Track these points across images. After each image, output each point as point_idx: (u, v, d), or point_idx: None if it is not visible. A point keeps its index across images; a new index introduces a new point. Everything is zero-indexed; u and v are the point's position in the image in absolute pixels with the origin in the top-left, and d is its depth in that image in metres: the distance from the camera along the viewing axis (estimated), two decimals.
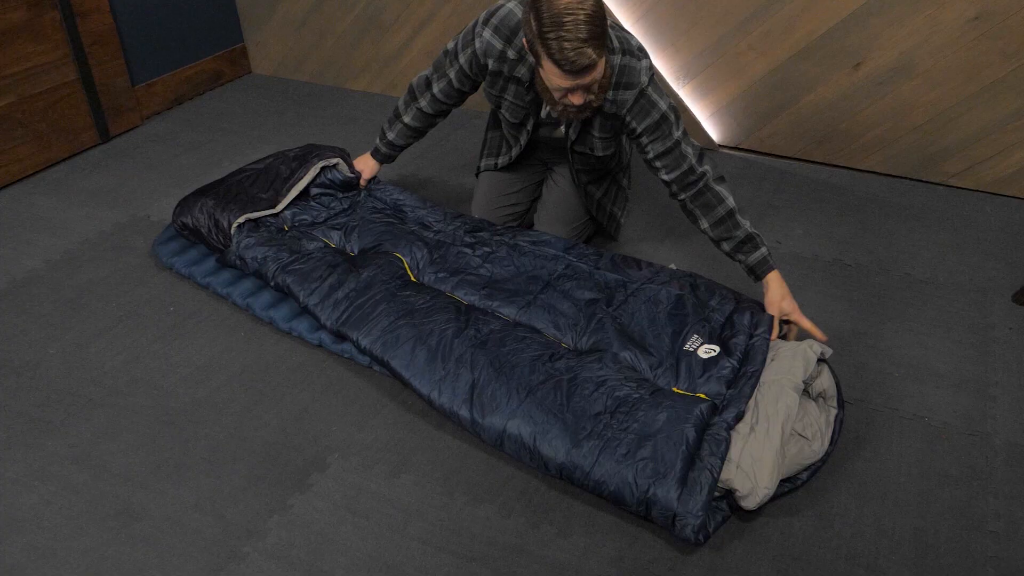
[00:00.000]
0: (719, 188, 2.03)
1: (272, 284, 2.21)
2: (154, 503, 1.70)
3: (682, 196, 2.07)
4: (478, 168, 2.54)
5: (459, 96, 2.32)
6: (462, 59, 2.18)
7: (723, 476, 1.61)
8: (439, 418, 1.91)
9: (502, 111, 2.25)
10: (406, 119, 2.41)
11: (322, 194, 2.50)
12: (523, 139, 2.30)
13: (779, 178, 2.96)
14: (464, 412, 1.79)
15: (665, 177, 2.07)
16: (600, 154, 2.19)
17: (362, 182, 2.55)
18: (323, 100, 3.62)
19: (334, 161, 2.51)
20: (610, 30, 1.98)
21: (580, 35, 1.73)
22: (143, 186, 2.91)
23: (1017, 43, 2.57)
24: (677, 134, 2.04)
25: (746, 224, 2.01)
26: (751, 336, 1.91)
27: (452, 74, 2.24)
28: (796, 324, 1.98)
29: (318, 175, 2.49)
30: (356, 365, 2.07)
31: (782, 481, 1.69)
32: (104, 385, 2.01)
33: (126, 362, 2.08)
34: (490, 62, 2.12)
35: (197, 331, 2.19)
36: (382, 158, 2.53)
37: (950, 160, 2.84)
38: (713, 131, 3.14)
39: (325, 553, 1.60)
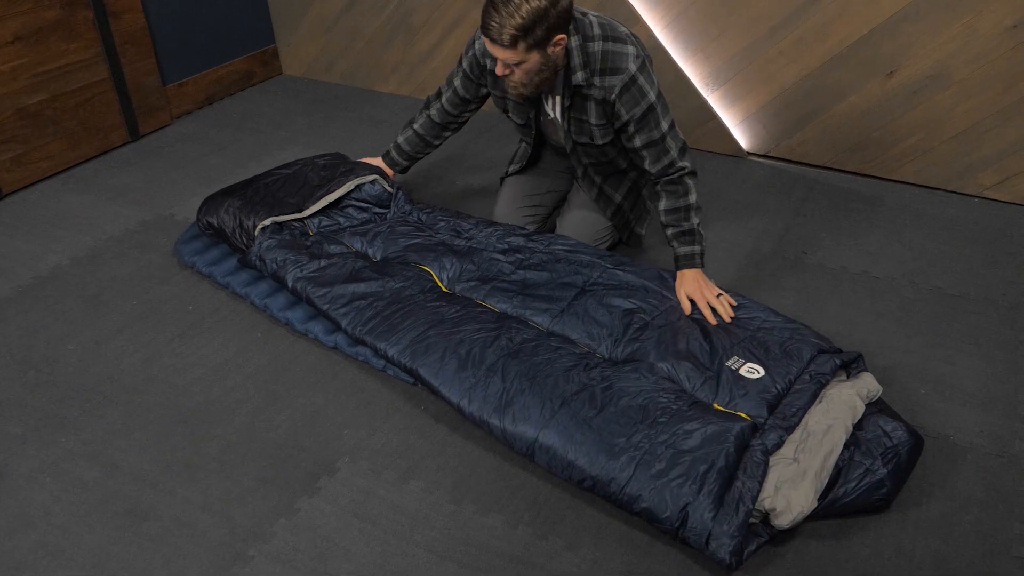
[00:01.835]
0: (690, 182, 2.12)
1: (289, 288, 2.20)
2: (163, 503, 1.70)
3: (656, 179, 2.14)
4: (502, 177, 2.55)
5: (464, 105, 2.36)
6: (465, 63, 2.25)
7: (760, 497, 1.57)
8: (451, 424, 1.90)
9: (510, 115, 2.30)
10: (416, 125, 2.46)
11: (351, 206, 2.49)
12: (530, 139, 2.34)
13: (808, 187, 2.90)
14: (495, 420, 1.76)
15: (647, 167, 2.14)
16: (600, 142, 2.18)
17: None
18: (352, 102, 3.63)
19: (371, 178, 2.50)
20: (593, 18, 2.05)
21: (508, 15, 1.84)
22: (170, 185, 2.93)
23: None
24: (664, 126, 2.08)
25: (695, 220, 2.12)
26: (804, 371, 1.85)
27: (457, 82, 2.31)
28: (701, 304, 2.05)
29: (352, 190, 2.50)
30: (370, 368, 2.06)
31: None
32: (120, 383, 2.02)
33: (143, 360, 2.10)
34: (488, 62, 2.17)
35: (214, 330, 2.20)
36: (390, 162, 2.56)
37: (985, 171, 2.76)
38: (742, 138, 3.09)
39: (330, 559, 1.59)
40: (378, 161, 2.57)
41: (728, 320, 2.01)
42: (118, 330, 2.20)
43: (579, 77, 2.03)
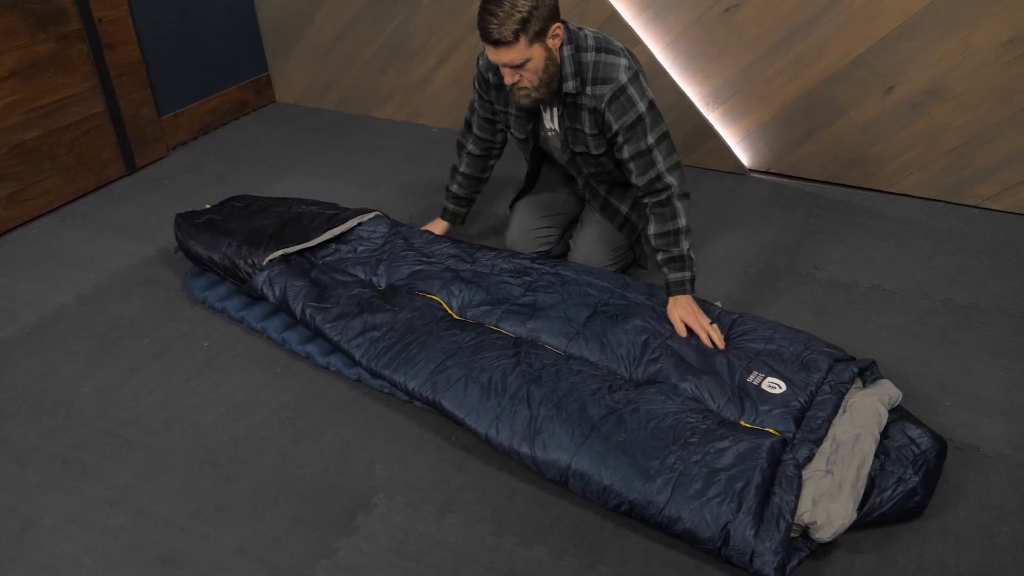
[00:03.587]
0: (679, 204, 2.09)
1: (298, 317, 2.17)
2: (196, 548, 1.66)
3: (645, 199, 2.12)
4: (512, 203, 2.55)
5: (492, 127, 2.38)
6: (476, 84, 2.29)
7: (799, 511, 1.57)
8: (484, 454, 1.87)
9: (512, 131, 2.32)
10: (461, 168, 2.47)
11: (352, 240, 2.48)
12: (527, 154, 2.35)
13: (812, 202, 2.92)
14: (525, 449, 1.74)
15: (634, 180, 2.13)
16: (595, 152, 2.19)
17: None
18: (349, 128, 3.61)
19: (372, 215, 2.53)
20: (588, 32, 2.08)
21: (502, 14, 1.89)
22: (170, 218, 2.86)
23: None
24: (651, 139, 2.07)
25: (685, 246, 2.09)
26: (823, 381, 1.87)
27: (477, 104, 2.35)
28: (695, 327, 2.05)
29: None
30: (396, 401, 2.03)
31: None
32: (140, 425, 1.98)
33: (162, 400, 2.05)
34: (491, 75, 2.21)
35: (233, 367, 2.16)
36: (451, 216, 2.55)
37: (984, 183, 2.81)
38: (744, 155, 3.11)
39: None
40: (437, 224, 2.57)
41: (721, 347, 2.00)
42: (132, 370, 2.15)
43: (570, 86, 2.07)
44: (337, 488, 1.79)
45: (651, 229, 2.11)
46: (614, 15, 2.99)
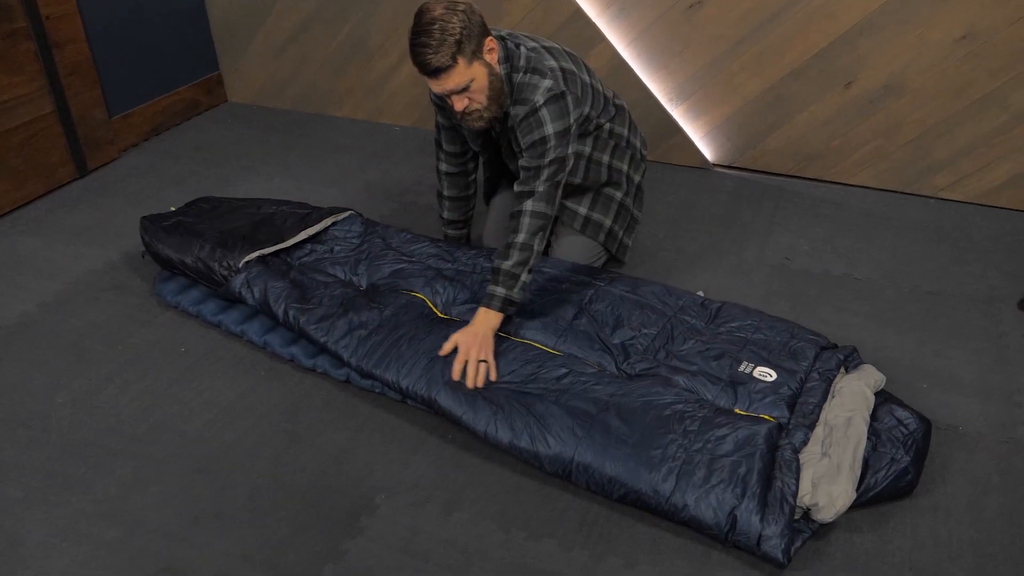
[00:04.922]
0: (526, 220, 2.00)
1: (281, 320, 2.12)
2: (199, 558, 1.60)
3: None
4: (487, 201, 2.55)
5: (460, 136, 2.33)
6: (431, 95, 2.24)
7: (800, 494, 1.61)
8: (484, 451, 1.86)
9: (470, 143, 2.31)
10: (444, 192, 2.45)
11: (328, 240, 2.44)
12: (486, 159, 2.37)
13: (776, 195, 2.99)
14: (525, 445, 1.74)
15: (515, 186, 2.08)
16: None
17: None
18: (307, 128, 3.54)
19: (346, 214, 2.51)
20: (524, 50, 2.05)
21: (434, 43, 1.86)
22: (130, 222, 2.77)
23: (1003, 60, 2.66)
24: (546, 160, 2.02)
25: (511, 261, 1.98)
26: (812, 369, 1.92)
27: (439, 117, 2.31)
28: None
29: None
30: (388, 400, 2.00)
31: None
32: (123, 434, 1.90)
33: (143, 408, 1.98)
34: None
35: (214, 372, 2.09)
36: (455, 239, 2.53)
37: (940, 174, 2.92)
38: (707, 150, 3.17)
39: None
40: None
41: (470, 386, 1.87)
42: (108, 378, 2.07)
43: (507, 103, 2.06)
44: (337, 490, 1.76)
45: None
46: (578, 12, 3.01)
